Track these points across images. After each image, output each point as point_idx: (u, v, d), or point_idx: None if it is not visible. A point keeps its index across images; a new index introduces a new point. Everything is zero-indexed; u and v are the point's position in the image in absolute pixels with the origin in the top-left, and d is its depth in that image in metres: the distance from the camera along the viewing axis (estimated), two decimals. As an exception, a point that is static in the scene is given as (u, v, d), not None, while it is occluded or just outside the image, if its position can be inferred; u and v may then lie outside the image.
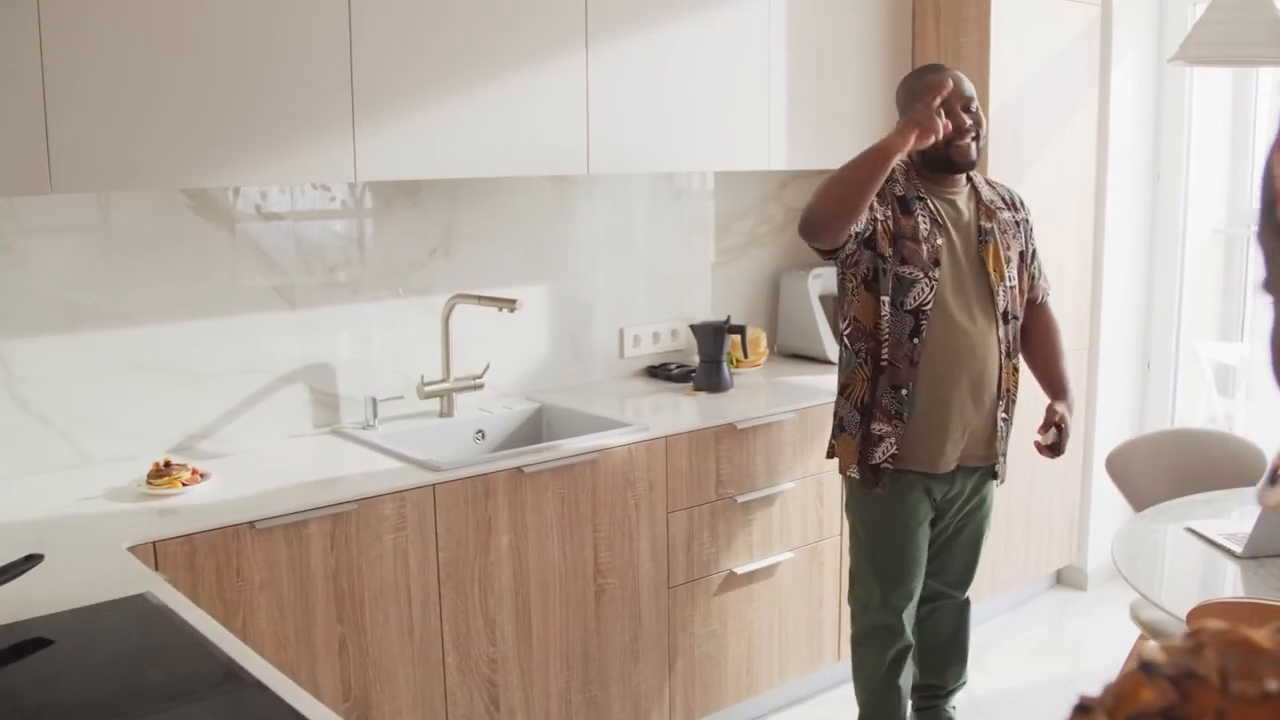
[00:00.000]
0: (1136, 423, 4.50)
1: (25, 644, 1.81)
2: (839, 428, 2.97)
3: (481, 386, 3.35)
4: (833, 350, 3.96)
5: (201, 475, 2.65)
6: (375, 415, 3.16)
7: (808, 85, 3.67)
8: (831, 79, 3.75)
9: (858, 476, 2.92)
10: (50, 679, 1.73)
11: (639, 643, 3.13)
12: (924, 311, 2.81)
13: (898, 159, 2.70)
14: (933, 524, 3.02)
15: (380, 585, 2.64)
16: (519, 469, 2.84)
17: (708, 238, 3.99)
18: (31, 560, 1.92)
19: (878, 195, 2.78)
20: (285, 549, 2.49)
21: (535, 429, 3.42)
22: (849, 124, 3.82)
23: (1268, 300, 0.63)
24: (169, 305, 2.91)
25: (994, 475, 3.03)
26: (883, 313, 2.83)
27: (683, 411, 3.35)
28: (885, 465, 2.87)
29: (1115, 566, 2.53)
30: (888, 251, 2.80)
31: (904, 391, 2.83)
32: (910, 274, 2.81)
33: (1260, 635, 0.52)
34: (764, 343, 3.93)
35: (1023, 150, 3.89)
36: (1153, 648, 0.53)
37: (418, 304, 3.32)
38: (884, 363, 2.84)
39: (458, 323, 3.31)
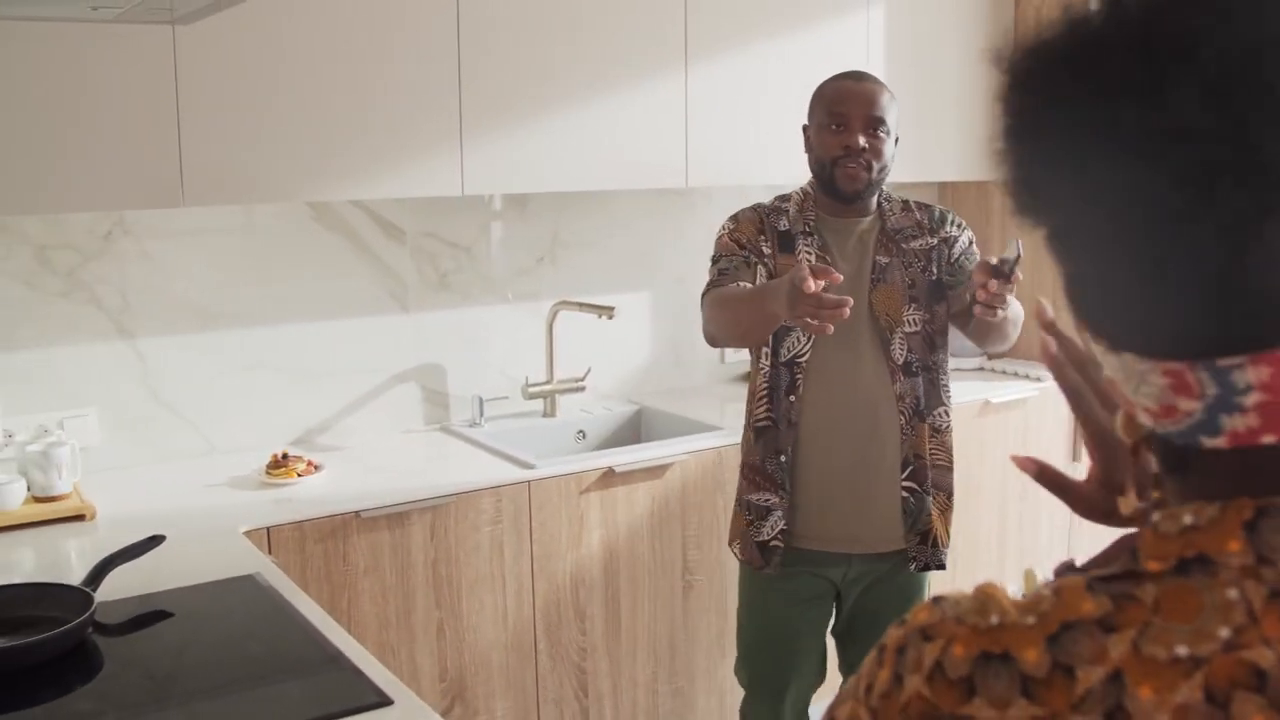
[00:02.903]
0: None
1: (148, 615, 2.03)
2: (735, 496, 2.64)
3: (583, 389, 3.50)
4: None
5: (316, 467, 2.86)
6: (482, 414, 3.35)
7: (906, 97, 3.72)
8: (930, 90, 3.81)
9: (740, 556, 2.58)
10: (172, 648, 1.93)
11: (726, 638, 3.25)
12: (799, 364, 2.47)
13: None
14: (838, 612, 2.65)
15: (476, 574, 2.81)
16: (610, 469, 2.99)
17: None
18: (154, 541, 2.13)
19: (760, 232, 2.53)
20: (388, 537, 2.68)
21: (634, 430, 3.57)
22: (948, 135, 3.87)
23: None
24: (292, 307, 3.13)
25: (912, 562, 2.53)
26: (761, 366, 2.52)
27: (776, 416, 3.46)
28: (775, 543, 2.50)
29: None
30: None
31: (783, 458, 2.48)
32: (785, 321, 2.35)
33: (1004, 593, 0.69)
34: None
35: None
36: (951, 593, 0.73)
37: (524, 309, 3.50)
38: (764, 423, 2.51)
39: (563, 327, 3.48)
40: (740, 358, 3.95)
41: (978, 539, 3.74)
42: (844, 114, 2.44)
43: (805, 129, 2.56)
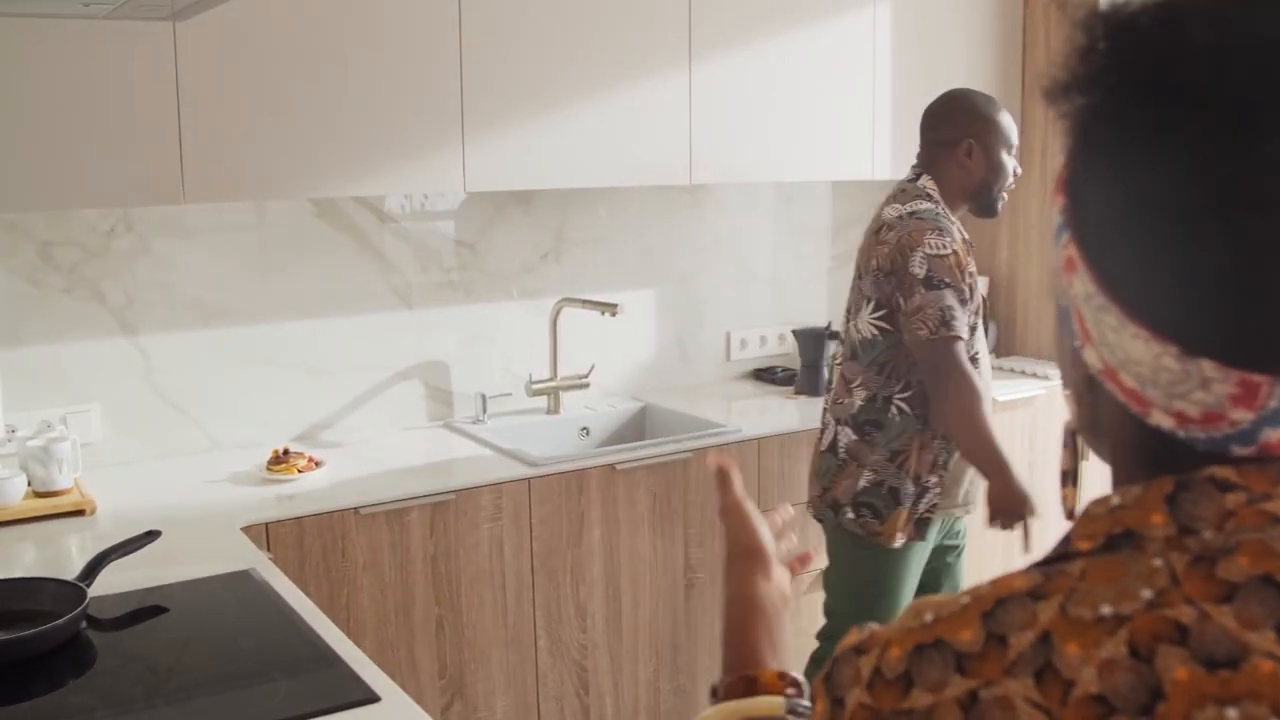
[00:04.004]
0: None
1: (141, 610, 2.04)
2: (892, 500, 2.72)
3: (587, 386, 3.50)
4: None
5: (317, 463, 2.86)
6: (485, 411, 3.35)
7: (914, 95, 3.70)
8: (936, 89, 3.77)
9: (903, 540, 2.73)
10: (168, 644, 1.94)
11: (728, 636, 3.24)
12: (975, 358, 2.67)
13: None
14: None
15: (476, 571, 2.81)
16: (612, 466, 2.98)
17: (821, 243, 4.08)
18: (150, 536, 2.14)
19: (968, 254, 2.67)
20: (387, 533, 2.68)
21: (638, 427, 3.57)
22: (957, 134, 3.86)
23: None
24: (295, 304, 3.14)
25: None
26: None
27: (780, 414, 3.45)
28: (927, 515, 2.73)
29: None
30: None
31: (945, 439, 2.71)
32: (972, 322, 2.67)
33: (935, 598, 0.72)
34: (869, 348, 3.99)
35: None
36: None
37: (528, 305, 3.50)
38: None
39: (568, 324, 3.48)
40: (746, 355, 3.94)
41: (986, 536, 3.71)
42: (1016, 147, 2.77)
43: (971, 147, 2.73)
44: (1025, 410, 3.75)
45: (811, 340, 3.66)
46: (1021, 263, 4.11)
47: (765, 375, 3.91)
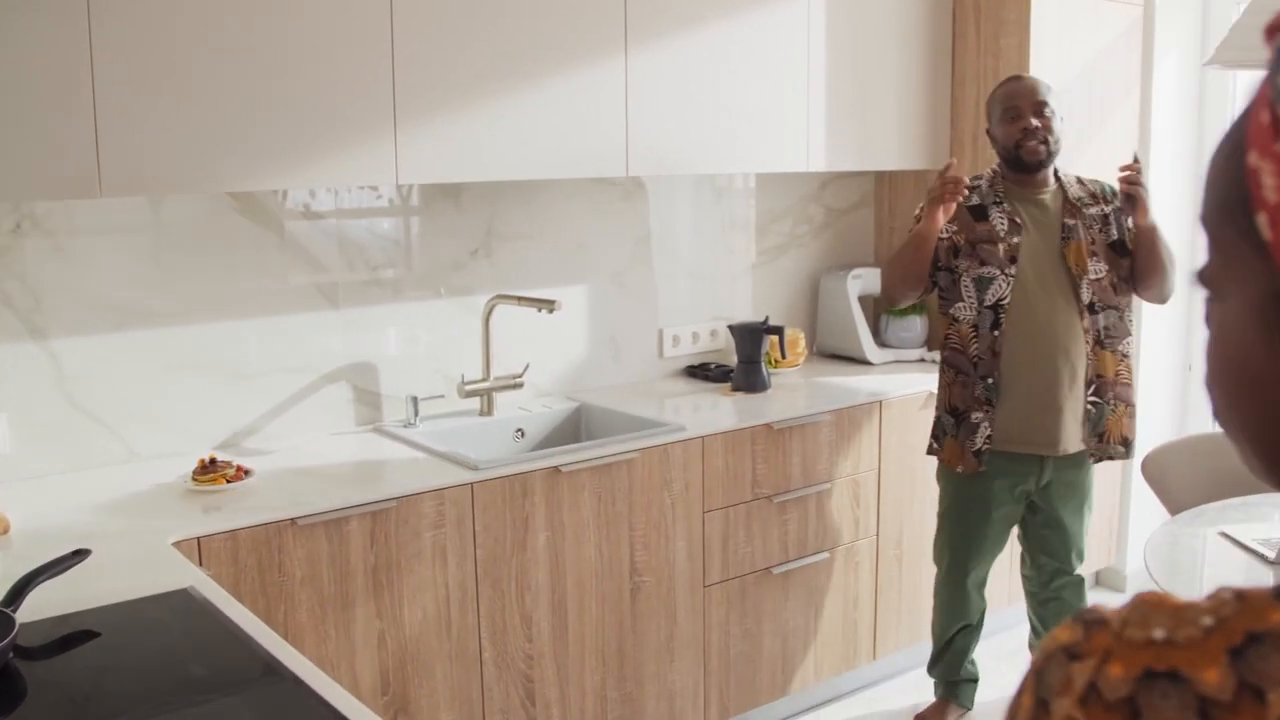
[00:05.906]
0: (1178, 427, 4.47)
1: (74, 636, 1.87)
2: (940, 432, 3.26)
3: (521, 386, 3.39)
4: (872, 351, 3.98)
5: (246, 472, 2.70)
6: (416, 414, 3.21)
7: (847, 87, 3.68)
8: (871, 81, 3.75)
9: (962, 469, 3.19)
10: (100, 671, 1.78)
11: (674, 641, 3.16)
12: (1002, 306, 3.09)
13: (941, 232, 3.13)
14: (1030, 508, 3.30)
15: (419, 582, 2.68)
16: (556, 468, 2.88)
17: (748, 238, 4.01)
18: (78, 555, 1.97)
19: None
20: (326, 545, 2.54)
21: (574, 428, 3.46)
22: (888, 125, 3.83)
23: (1201, 291, 0.66)
24: (215, 304, 2.97)
25: (1090, 456, 3.23)
26: (962, 316, 3.15)
27: (720, 411, 3.38)
28: (984, 446, 3.14)
29: (1148, 572, 2.53)
30: (956, 263, 3.15)
31: (990, 380, 3.11)
32: (989, 273, 3.12)
33: (1172, 598, 0.60)
34: (803, 343, 3.95)
35: (1063, 152, 3.87)
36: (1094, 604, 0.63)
37: (459, 304, 3.37)
38: (975, 359, 3.13)
39: (499, 323, 3.35)
40: (680, 351, 3.86)
41: (924, 533, 3.68)
42: (1016, 106, 3.12)
43: (989, 131, 3.23)
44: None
45: (748, 336, 3.58)
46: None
47: (698, 372, 3.83)
